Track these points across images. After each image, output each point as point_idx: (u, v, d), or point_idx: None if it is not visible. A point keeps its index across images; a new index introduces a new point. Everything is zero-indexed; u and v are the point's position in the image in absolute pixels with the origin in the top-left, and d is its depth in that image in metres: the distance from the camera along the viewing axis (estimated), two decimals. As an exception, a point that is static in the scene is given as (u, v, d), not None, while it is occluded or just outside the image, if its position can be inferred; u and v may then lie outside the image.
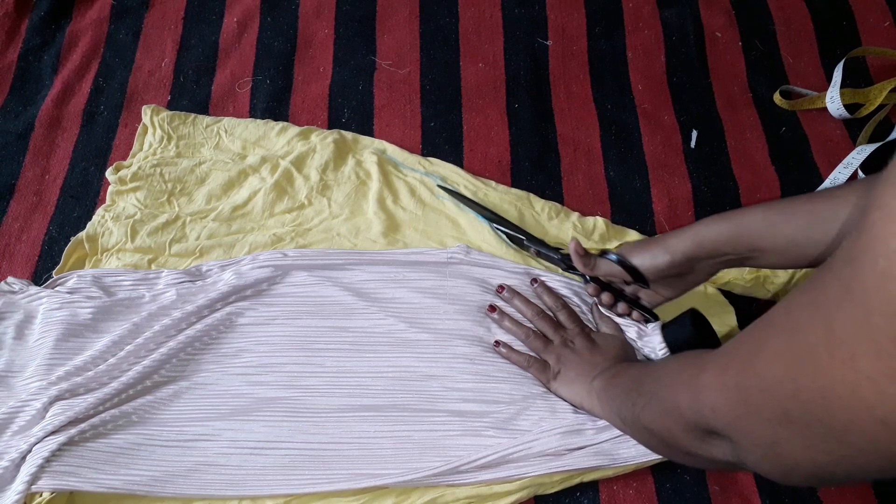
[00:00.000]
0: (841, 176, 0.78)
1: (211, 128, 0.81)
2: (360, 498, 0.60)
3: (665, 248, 0.59)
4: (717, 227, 0.57)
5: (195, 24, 0.92)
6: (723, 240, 0.56)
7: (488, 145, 0.82)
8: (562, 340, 0.65)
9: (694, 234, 0.58)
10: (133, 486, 0.59)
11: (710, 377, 0.41)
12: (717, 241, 0.57)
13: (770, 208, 0.55)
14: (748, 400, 0.36)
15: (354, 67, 0.88)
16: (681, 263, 0.59)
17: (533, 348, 0.66)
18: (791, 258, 0.54)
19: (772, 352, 0.35)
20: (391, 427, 0.63)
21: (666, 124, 0.84)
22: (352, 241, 0.74)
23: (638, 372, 0.55)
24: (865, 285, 0.27)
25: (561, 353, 0.64)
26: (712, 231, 0.57)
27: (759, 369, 0.35)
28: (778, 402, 0.34)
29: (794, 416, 0.33)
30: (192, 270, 0.71)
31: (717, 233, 0.57)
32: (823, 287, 0.31)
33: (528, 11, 0.92)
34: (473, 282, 0.71)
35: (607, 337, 0.66)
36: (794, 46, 0.90)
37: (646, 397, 0.50)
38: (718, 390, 0.40)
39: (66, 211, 0.78)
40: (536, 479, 0.61)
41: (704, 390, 0.41)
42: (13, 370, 0.65)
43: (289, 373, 0.66)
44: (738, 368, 0.38)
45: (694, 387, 0.42)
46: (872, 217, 0.27)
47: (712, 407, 0.40)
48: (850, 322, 0.28)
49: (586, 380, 0.61)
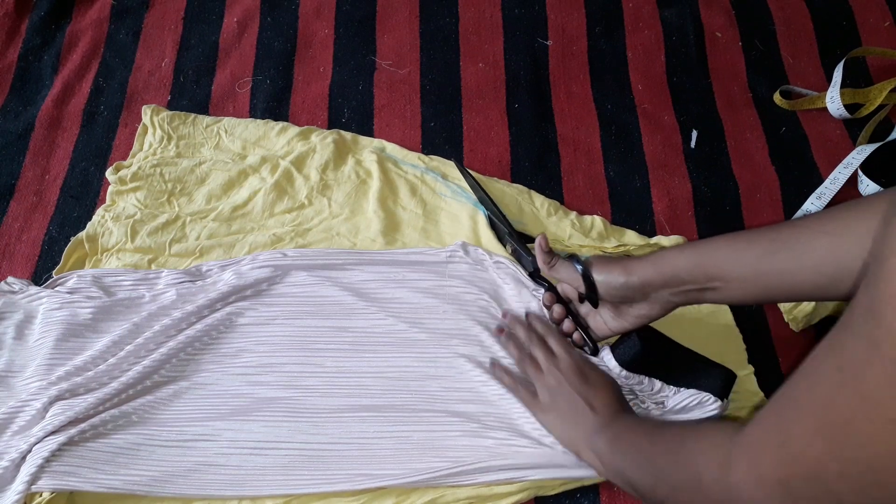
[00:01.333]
0: (841, 176, 0.78)
1: (211, 128, 0.81)
2: (360, 498, 0.60)
3: (623, 268, 0.57)
4: (680, 252, 0.55)
5: (195, 24, 0.92)
6: (683, 266, 0.54)
7: (488, 145, 0.82)
8: (551, 370, 0.62)
9: (655, 258, 0.56)
10: (133, 486, 0.59)
11: (741, 474, 0.38)
12: (676, 267, 0.54)
13: (733, 236, 0.53)
14: (794, 492, 0.34)
15: (354, 67, 0.88)
16: (636, 287, 0.57)
17: (525, 373, 0.64)
18: (753, 289, 0.52)
19: (804, 432, 0.32)
20: (391, 427, 0.63)
21: (666, 124, 0.84)
22: (351, 240, 0.74)
23: (651, 447, 0.51)
24: (894, 338, 0.25)
25: (551, 385, 0.61)
26: (673, 256, 0.55)
27: (795, 455, 0.33)
28: (826, 487, 0.31)
29: (847, 499, 0.31)
30: (192, 270, 0.71)
31: (678, 258, 0.55)
32: (845, 348, 0.29)
33: (528, 11, 0.92)
34: (473, 281, 0.70)
35: (598, 373, 0.62)
36: (794, 46, 0.90)
37: (668, 487, 0.47)
38: (756, 487, 0.37)
39: (66, 211, 0.78)
40: (537, 480, 0.61)
41: (739, 490, 0.38)
42: (13, 370, 0.65)
43: (289, 373, 0.66)
44: (773, 458, 0.35)
45: (727, 482, 0.39)
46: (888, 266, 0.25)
47: (753, 502, 0.37)
48: (885, 380, 0.26)
49: (579, 426, 0.58)
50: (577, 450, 0.59)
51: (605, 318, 0.63)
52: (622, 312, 0.61)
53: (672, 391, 0.62)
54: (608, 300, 0.60)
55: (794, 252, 0.49)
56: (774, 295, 0.52)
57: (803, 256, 0.48)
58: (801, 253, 0.48)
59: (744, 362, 0.67)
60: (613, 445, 0.55)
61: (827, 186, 0.78)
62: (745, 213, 0.78)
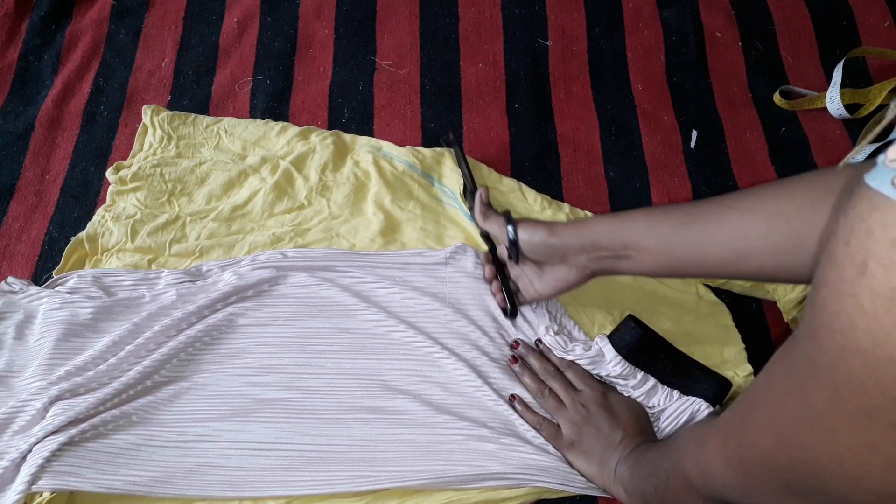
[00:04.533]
0: (841, 176, 0.78)
1: (211, 128, 0.81)
2: (362, 499, 0.60)
3: (547, 229, 0.59)
4: (601, 220, 0.57)
5: (195, 24, 0.92)
6: (601, 232, 0.56)
7: (488, 145, 0.82)
8: (574, 405, 0.62)
9: (578, 223, 0.58)
10: (133, 486, 0.59)
11: (712, 451, 0.41)
12: (595, 233, 0.56)
13: (654, 209, 0.55)
14: (751, 472, 0.36)
15: (354, 67, 0.88)
16: (556, 247, 0.58)
17: (546, 408, 0.63)
18: (665, 259, 0.53)
19: (760, 425, 0.35)
20: (392, 429, 0.63)
21: (666, 124, 0.84)
22: (351, 241, 0.74)
23: (656, 454, 0.53)
24: (829, 359, 0.28)
25: (576, 421, 0.61)
26: (594, 223, 0.57)
27: (753, 442, 0.36)
28: (777, 474, 0.34)
29: (796, 488, 0.33)
30: (192, 270, 0.71)
31: (599, 225, 0.56)
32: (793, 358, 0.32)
33: (528, 11, 0.92)
34: (474, 282, 0.70)
35: (622, 402, 0.62)
36: (794, 46, 0.90)
37: (663, 479, 0.49)
38: (723, 464, 0.40)
39: (66, 211, 0.78)
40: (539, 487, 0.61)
41: (710, 465, 0.41)
42: (13, 370, 0.65)
43: (289, 374, 0.66)
44: (736, 441, 0.38)
45: (701, 462, 0.42)
46: (822, 295, 0.28)
47: (722, 481, 0.40)
48: (822, 395, 0.29)
49: (607, 462, 0.58)
50: (604, 485, 0.59)
51: (531, 280, 0.63)
52: (543, 274, 0.62)
53: (664, 392, 0.63)
54: (531, 258, 0.62)
55: (706, 225, 0.50)
56: (684, 268, 0.53)
57: (714, 230, 0.49)
58: (713, 227, 0.50)
59: (743, 362, 0.67)
60: (633, 470, 0.55)
61: (827, 186, 0.77)
62: (744, 213, 0.78)
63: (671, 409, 0.62)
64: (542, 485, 0.60)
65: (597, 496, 0.62)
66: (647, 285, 0.71)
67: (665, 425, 0.62)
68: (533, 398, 0.64)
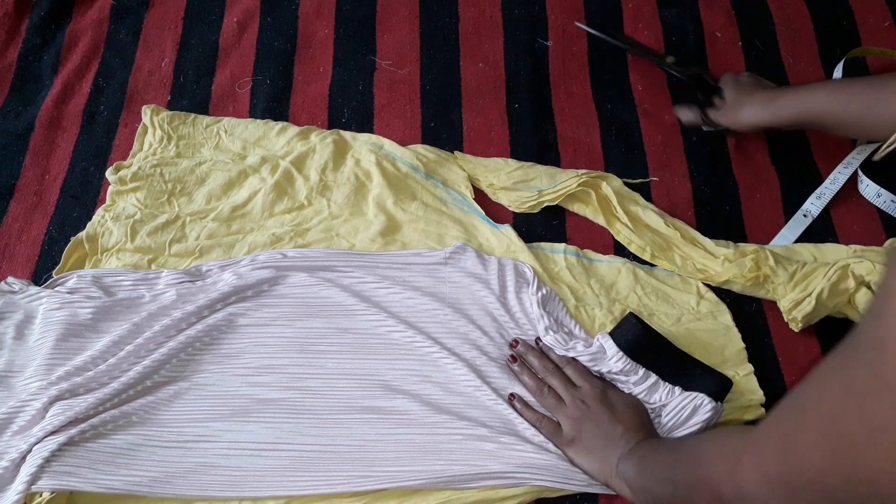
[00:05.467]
0: (841, 176, 0.78)
1: (211, 128, 0.81)
2: (361, 499, 0.60)
3: (764, 103, 0.74)
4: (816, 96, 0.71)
5: (195, 24, 0.92)
6: (794, 117, 0.72)
7: (488, 145, 0.82)
8: (574, 401, 0.62)
9: (796, 99, 0.72)
10: (133, 486, 0.59)
11: (748, 471, 0.39)
12: (787, 119, 0.73)
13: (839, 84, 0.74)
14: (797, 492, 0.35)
15: (354, 67, 0.88)
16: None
17: (545, 406, 0.63)
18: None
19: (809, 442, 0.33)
20: (392, 429, 0.63)
21: (666, 124, 0.84)
22: (350, 241, 0.74)
23: (671, 458, 0.52)
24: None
25: (575, 417, 0.61)
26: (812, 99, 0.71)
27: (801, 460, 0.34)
28: (828, 494, 0.33)
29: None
30: (191, 270, 0.71)
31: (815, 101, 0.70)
32: (851, 370, 0.30)
33: (528, 11, 0.92)
34: (473, 282, 0.70)
35: (621, 397, 0.62)
36: (794, 46, 0.90)
37: (683, 489, 0.48)
38: (762, 484, 0.38)
39: (66, 211, 0.78)
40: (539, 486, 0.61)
41: (747, 485, 0.39)
42: (13, 370, 0.65)
43: (289, 374, 0.66)
44: (778, 459, 0.36)
45: (735, 483, 0.41)
46: (890, 305, 0.27)
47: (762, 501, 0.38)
48: (888, 408, 0.27)
49: (609, 457, 0.58)
50: (605, 480, 0.58)
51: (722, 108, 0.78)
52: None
53: (666, 388, 0.63)
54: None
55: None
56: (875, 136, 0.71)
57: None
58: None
59: (744, 362, 0.67)
60: (639, 468, 0.55)
61: (827, 186, 0.78)
62: (744, 213, 0.78)
63: (672, 405, 0.62)
64: (541, 483, 0.60)
65: (598, 494, 0.62)
66: (648, 285, 0.72)
67: (667, 420, 0.62)
68: (532, 396, 0.64)
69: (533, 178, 0.77)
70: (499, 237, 0.74)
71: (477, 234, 0.75)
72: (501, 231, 0.74)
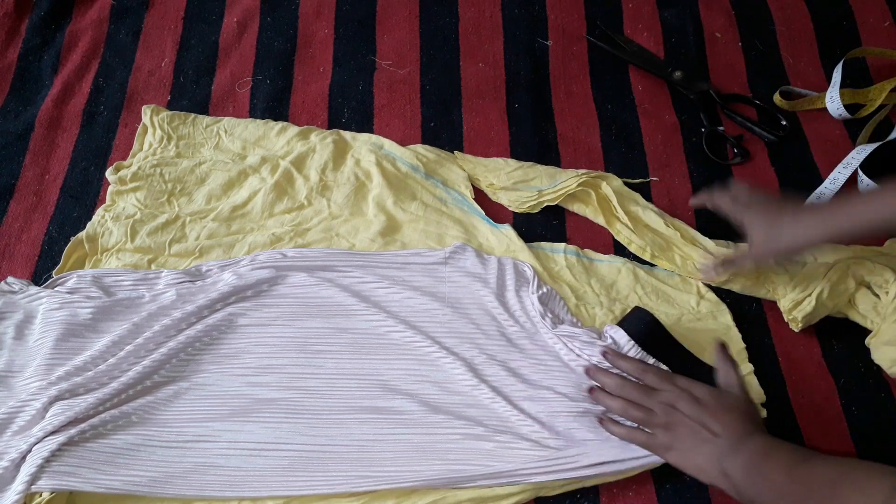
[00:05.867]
0: (841, 176, 0.77)
1: (211, 128, 0.81)
2: (360, 499, 0.60)
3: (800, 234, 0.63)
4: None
5: (195, 24, 0.92)
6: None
7: (488, 145, 0.82)
8: (660, 408, 0.59)
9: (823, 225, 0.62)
10: (132, 486, 0.59)
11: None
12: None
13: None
14: None
15: (354, 67, 0.88)
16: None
17: (634, 420, 0.61)
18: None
19: None
20: (391, 430, 0.63)
21: (666, 124, 0.84)
22: (350, 241, 0.74)
23: (785, 477, 0.51)
24: None
25: (664, 424, 0.59)
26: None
27: None
28: None
29: None
30: (191, 270, 0.71)
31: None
32: None
33: (528, 11, 0.92)
34: (473, 282, 0.70)
35: (715, 394, 0.59)
36: (794, 46, 0.90)
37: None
38: None
39: (66, 211, 0.78)
40: (538, 483, 0.61)
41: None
42: (13, 370, 0.65)
43: (288, 374, 0.65)
44: None
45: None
46: None
47: None
48: None
49: (710, 456, 0.56)
50: (710, 479, 0.56)
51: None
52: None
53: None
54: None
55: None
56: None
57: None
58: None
59: (744, 362, 0.67)
60: (748, 476, 0.53)
61: (827, 186, 0.77)
62: (745, 213, 0.78)
63: None
64: (539, 479, 0.60)
65: (598, 492, 0.62)
66: (648, 284, 0.72)
67: None
68: (622, 416, 0.62)
69: (533, 177, 0.77)
70: (499, 237, 0.74)
71: (477, 233, 0.75)
72: (501, 231, 0.74)
